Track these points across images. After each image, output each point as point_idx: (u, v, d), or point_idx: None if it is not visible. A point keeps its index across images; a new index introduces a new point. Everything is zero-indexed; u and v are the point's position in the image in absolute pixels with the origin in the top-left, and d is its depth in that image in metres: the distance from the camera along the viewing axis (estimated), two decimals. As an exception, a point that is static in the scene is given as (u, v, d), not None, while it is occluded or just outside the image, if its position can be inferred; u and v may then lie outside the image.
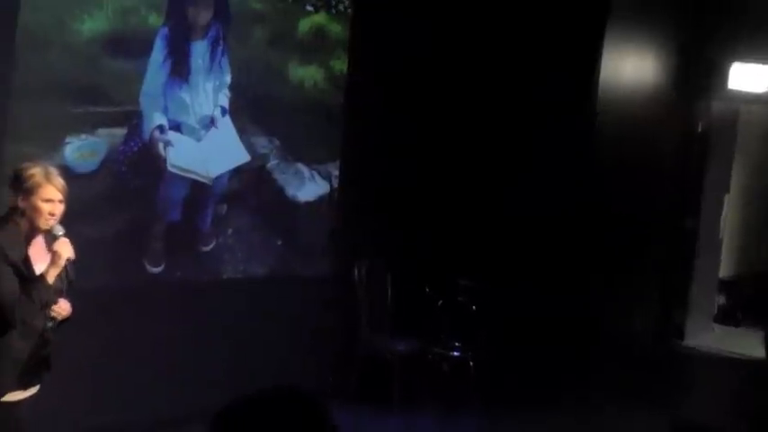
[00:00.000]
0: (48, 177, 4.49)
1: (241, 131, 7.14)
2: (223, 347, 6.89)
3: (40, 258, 4.52)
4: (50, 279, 4.48)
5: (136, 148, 6.50)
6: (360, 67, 7.78)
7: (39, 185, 4.45)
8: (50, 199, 4.47)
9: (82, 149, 6.19)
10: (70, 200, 4.92)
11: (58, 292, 4.55)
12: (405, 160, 8.15)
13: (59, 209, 4.49)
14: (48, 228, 4.49)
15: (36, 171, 4.49)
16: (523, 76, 8.54)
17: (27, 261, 4.47)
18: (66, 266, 4.54)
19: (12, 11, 5.75)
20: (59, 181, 4.53)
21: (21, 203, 4.45)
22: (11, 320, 4.37)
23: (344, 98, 7.75)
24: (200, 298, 6.95)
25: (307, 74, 7.54)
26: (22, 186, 4.45)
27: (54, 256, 4.49)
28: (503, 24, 8.58)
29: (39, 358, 4.56)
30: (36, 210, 4.44)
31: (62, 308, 4.58)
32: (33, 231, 4.50)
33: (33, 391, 4.64)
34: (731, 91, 9.62)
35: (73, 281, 4.62)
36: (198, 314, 6.90)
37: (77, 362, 5.68)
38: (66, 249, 4.51)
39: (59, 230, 4.51)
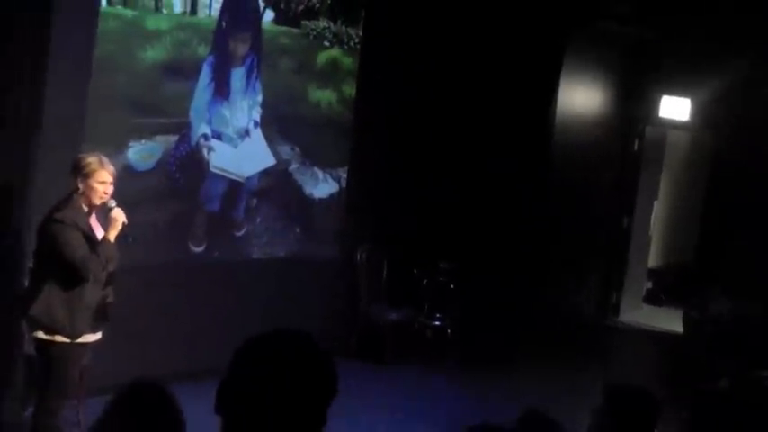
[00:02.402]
0: (101, 164, 4.58)
1: (269, 141, 7.13)
2: (250, 312, 6.86)
3: (98, 227, 4.63)
4: (111, 239, 4.57)
5: (185, 152, 6.50)
6: (366, 92, 7.76)
7: (95, 171, 4.54)
8: (104, 181, 4.56)
9: (142, 152, 6.20)
10: (132, 192, 4.94)
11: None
12: (400, 167, 8.11)
13: (110, 189, 4.59)
14: (102, 202, 4.58)
15: (92, 160, 4.58)
16: (499, 104, 8.52)
17: (91, 229, 4.57)
18: (123, 228, 4.62)
19: (90, 43, 5.79)
20: (110, 167, 4.63)
21: (80, 185, 4.52)
22: (85, 275, 4.46)
23: (353, 116, 7.73)
24: (233, 273, 6.96)
25: (323, 96, 7.53)
26: (81, 172, 4.54)
27: (112, 221, 4.58)
28: (482, 64, 8.55)
29: (102, 307, 4.66)
30: (93, 190, 4.53)
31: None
32: (91, 207, 4.59)
33: (99, 336, 4.72)
34: (661, 118, 9.62)
35: (129, 236, 4.75)
36: (231, 285, 6.91)
37: (132, 320, 5.71)
38: (120, 215, 4.61)
39: (112, 203, 4.62)
